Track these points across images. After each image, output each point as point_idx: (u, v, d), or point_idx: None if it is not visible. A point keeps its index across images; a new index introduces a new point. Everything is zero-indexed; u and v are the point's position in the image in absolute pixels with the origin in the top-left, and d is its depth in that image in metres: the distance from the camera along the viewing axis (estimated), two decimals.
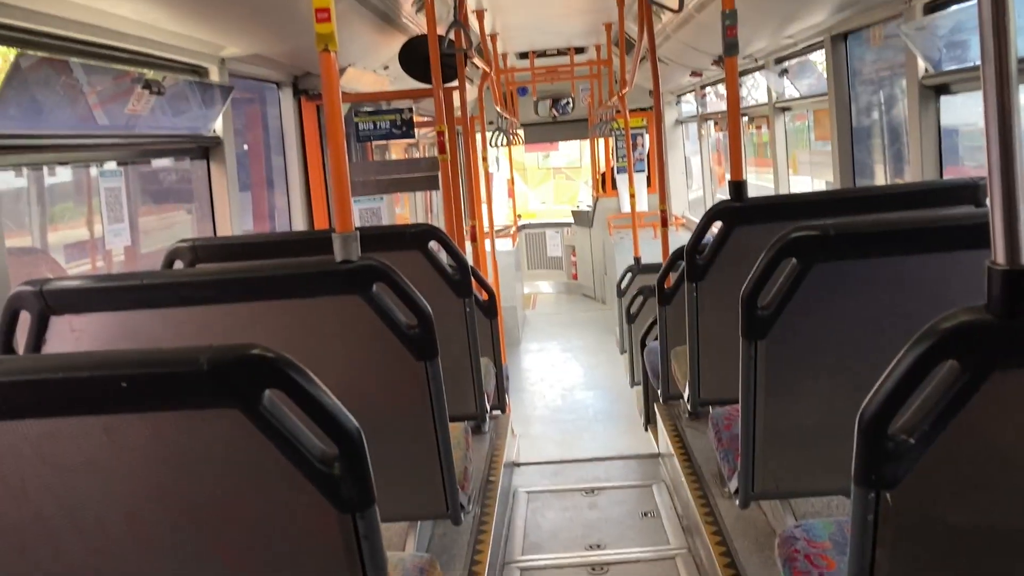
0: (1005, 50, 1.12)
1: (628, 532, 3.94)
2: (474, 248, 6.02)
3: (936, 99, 3.90)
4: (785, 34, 5.43)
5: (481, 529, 3.35)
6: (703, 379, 3.34)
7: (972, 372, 1.17)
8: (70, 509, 1.32)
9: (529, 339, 11.55)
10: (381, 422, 2.30)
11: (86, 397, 1.26)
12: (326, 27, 2.09)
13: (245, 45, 4.27)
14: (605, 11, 8.09)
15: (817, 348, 2.22)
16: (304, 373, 1.26)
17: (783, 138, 6.83)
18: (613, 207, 12.94)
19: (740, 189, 3.03)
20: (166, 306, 2.18)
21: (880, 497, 1.26)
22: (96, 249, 3.94)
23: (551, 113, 13.44)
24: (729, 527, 3.14)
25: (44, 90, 2.96)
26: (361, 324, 2.20)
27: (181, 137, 4.08)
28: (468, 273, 3.29)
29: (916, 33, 3.75)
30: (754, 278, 2.14)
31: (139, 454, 1.30)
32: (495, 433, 4.39)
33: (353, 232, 2.19)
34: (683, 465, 3.79)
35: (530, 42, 10.41)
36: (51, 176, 3.73)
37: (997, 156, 1.14)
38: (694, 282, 3.11)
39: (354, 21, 5.06)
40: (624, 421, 7.61)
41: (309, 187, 5.83)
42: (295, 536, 1.37)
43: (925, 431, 1.21)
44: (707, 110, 10.21)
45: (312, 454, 1.28)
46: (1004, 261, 1.14)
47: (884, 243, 2.09)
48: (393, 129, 5.70)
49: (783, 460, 2.42)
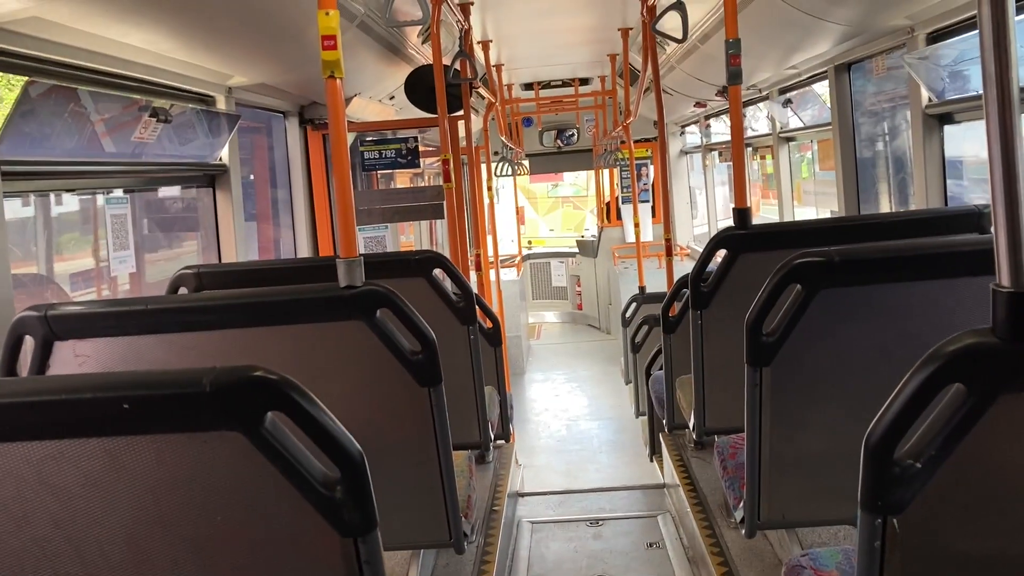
0: (1007, 77, 1.13)
1: (633, 563, 3.90)
2: (479, 277, 6.03)
3: (940, 128, 3.91)
4: (788, 64, 5.47)
5: (484, 559, 3.32)
6: (708, 408, 3.32)
7: (978, 395, 1.16)
8: (70, 533, 1.31)
9: (534, 369, 11.52)
10: (384, 448, 2.29)
11: (88, 419, 1.25)
12: (332, 54, 2.11)
13: (252, 74, 4.31)
14: (609, 42, 8.17)
15: (823, 375, 2.21)
16: (307, 395, 1.26)
17: (787, 167, 6.86)
18: (618, 237, 12.97)
19: (744, 216, 3.03)
20: (171, 331, 2.18)
21: (887, 523, 1.24)
22: (101, 278, 3.95)
23: (556, 143, 13.50)
24: (735, 558, 3.11)
25: (52, 118, 2.99)
26: (365, 350, 2.20)
27: (187, 165, 4.11)
28: (472, 300, 3.29)
29: (919, 63, 3.77)
30: (759, 304, 2.14)
31: (141, 477, 1.29)
32: (499, 463, 4.37)
33: (357, 258, 2.19)
34: (688, 495, 3.76)
35: (535, 73, 10.50)
36: (58, 205, 3.75)
37: (1000, 181, 1.14)
38: (699, 310, 3.10)
39: (360, 51, 5.11)
40: (629, 451, 7.57)
41: (314, 216, 5.86)
42: (297, 560, 1.36)
43: (932, 455, 1.19)
44: (711, 140, 10.26)
45: (314, 477, 1.27)
46: (1009, 284, 1.14)
47: (889, 269, 2.08)
48: (398, 158, 5.73)
49: (789, 489, 2.40)
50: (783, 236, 3.05)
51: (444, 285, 3.24)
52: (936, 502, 1.23)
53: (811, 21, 4.21)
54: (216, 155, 4.25)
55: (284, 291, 2.26)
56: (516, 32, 7.60)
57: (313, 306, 2.19)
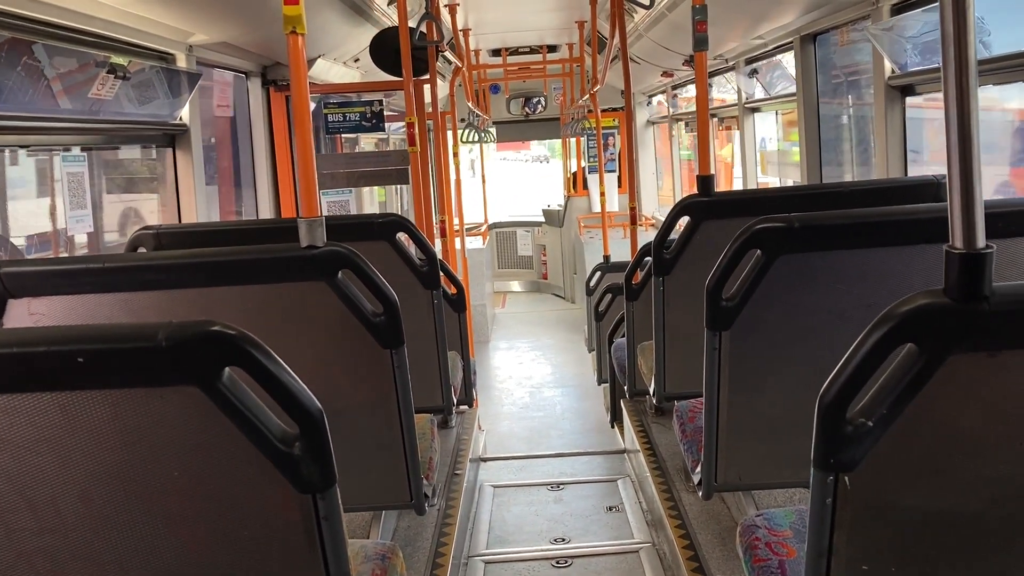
0: (964, 41, 1.14)
1: (593, 526, 3.95)
2: (443, 244, 6.01)
3: (902, 99, 3.95)
4: (755, 34, 5.48)
5: (446, 522, 3.34)
6: (668, 373, 3.36)
7: (929, 355, 1.19)
8: (22, 488, 1.30)
9: (498, 337, 11.55)
10: (345, 409, 2.29)
11: (42, 373, 1.24)
12: (294, 9, 2.08)
13: (213, 32, 4.22)
14: (578, 8, 8.11)
15: (781, 340, 2.24)
16: (265, 351, 1.25)
17: (752, 138, 6.90)
18: (584, 207, 12.98)
19: (708, 184, 3.05)
20: (128, 290, 2.15)
21: (839, 480, 1.27)
22: (58, 241, 3.87)
23: (523, 111, 13.43)
24: (693, 520, 3.16)
25: (5, 71, 2.91)
26: (326, 311, 2.19)
27: (147, 124, 4.03)
28: (436, 265, 3.28)
29: (883, 34, 3.80)
30: (719, 269, 2.16)
31: (95, 432, 1.28)
32: (461, 428, 4.38)
33: (319, 218, 2.18)
34: (648, 460, 3.81)
35: (503, 39, 10.41)
36: (13, 165, 3.66)
37: (956, 146, 1.16)
38: (661, 276, 3.13)
39: (325, 10, 5.03)
40: (591, 418, 7.63)
41: (277, 179, 5.79)
42: (255, 517, 1.36)
43: (883, 414, 1.22)
44: (678, 111, 10.27)
45: (272, 433, 1.27)
46: (961, 245, 1.16)
47: (848, 236, 2.11)
48: (363, 122, 5.66)
49: (746, 452, 2.44)
50: (745, 204, 3.08)
51: (408, 250, 3.23)
52: (886, 460, 1.26)
53: None
54: (176, 114, 4.17)
55: (244, 250, 2.24)
56: None
57: (274, 266, 2.17)
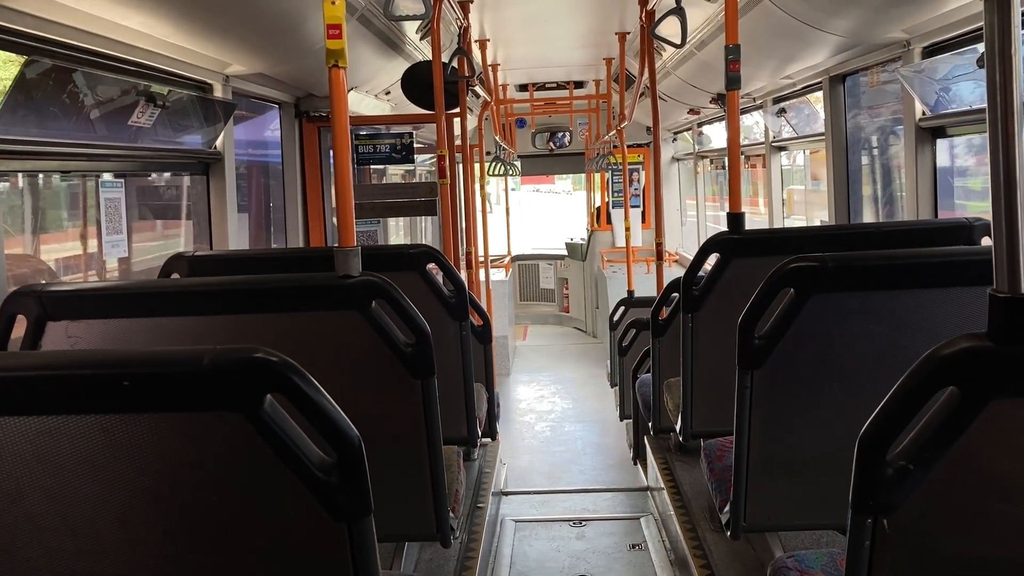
0: (1009, 85, 1.15)
1: (615, 564, 3.91)
2: (469, 275, 6.03)
3: (932, 141, 3.95)
4: (784, 74, 5.50)
5: (468, 555, 3.32)
6: (696, 410, 3.34)
7: (971, 398, 1.18)
8: (62, 509, 1.31)
9: (519, 370, 11.52)
10: (375, 439, 2.27)
11: (87, 395, 1.25)
12: (337, 43, 2.11)
13: (250, 63, 4.30)
14: (606, 46, 8.19)
15: (812, 380, 2.23)
16: (307, 378, 1.26)
17: (779, 176, 6.90)
18: (607, 241, 12.98)
19: (738, 221, 3.05)
20: (165, 315, 2.18)
21: (877, 523, 1.26)
22: (90, 264, 3.92)
23: (548, 146, 13.51)
24: (717, 561, 3.12)
25: (49, 99, 2.97)
26: (358, 340, 2.20)
27: (182, 152, 4.09)
28: (465, 296, 3.29)
29: (914, 76, 3.80)
30: (752, 307, 2.15)
31: (137, 455, 1.29)
32: (484, 460, 4.37)
33: (355, 247, 2.19)
34: (672, 498, 3.77)
35: (530, 74, 10.51)
36: (47, 189, 3.72)
37: (1000, 188, 1.16)
38: (690, 312, 3.12)
39: (359, 44, 5.10)
40: (613, 454, 7.56)
41: (307, 209, 5.85)
42: (289, 544, 1.36)
43: (924, 457, 1.21)
44: (703, 148, 10.30)
45: (311, 461, 1.27)
46: (1006, 289, 1.15)
47: (882, 276, 2.10)
48: (393, 153, 5.72)
49: (776, 492, 2.41)
50: (775, 242, 3.07)
51: (437, 280, 3.24)
52: (927, 504, 1.24)
53: (808, 31, 4.23)
54: (211, 143, 4.24)
55: (280, 278, 2.26)
56: (514, 32, 7.61)
57: (309, 294, 2.19)
